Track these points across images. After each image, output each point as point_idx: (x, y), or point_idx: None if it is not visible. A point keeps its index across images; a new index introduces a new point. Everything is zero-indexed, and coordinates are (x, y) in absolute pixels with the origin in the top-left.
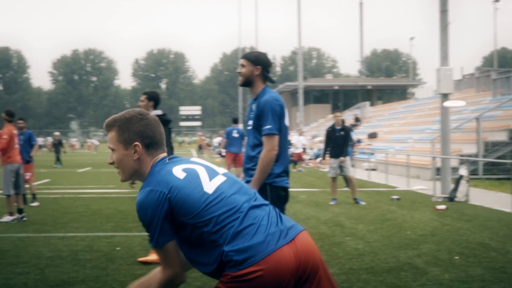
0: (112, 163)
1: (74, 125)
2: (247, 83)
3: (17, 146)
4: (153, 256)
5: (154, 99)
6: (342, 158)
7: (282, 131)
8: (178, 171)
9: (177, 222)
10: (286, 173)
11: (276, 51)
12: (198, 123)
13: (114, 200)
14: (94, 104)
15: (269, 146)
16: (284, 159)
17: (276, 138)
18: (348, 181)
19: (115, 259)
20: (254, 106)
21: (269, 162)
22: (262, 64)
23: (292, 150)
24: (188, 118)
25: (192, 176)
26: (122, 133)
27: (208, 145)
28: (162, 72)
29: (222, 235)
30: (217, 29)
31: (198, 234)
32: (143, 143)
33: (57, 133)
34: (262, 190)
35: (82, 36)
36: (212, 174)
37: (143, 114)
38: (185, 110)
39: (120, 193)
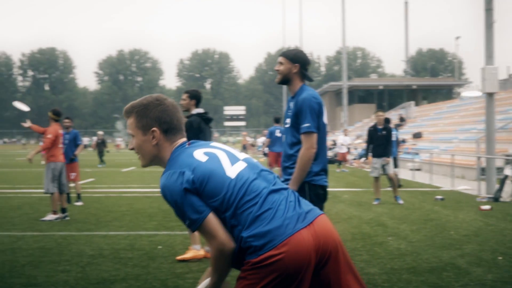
0: (132, 149)
1: (119, 125)
2: (285, 80)
3: (61, 145)
4: (190, 253)
5: (196, 98)
6: (387, 159)
7: (320, 129)
8: (200, 154)
9: None
10: (324, 171)
11: (321, 51)
12: (242, 123)
13: (158, 199)
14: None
15: (308, 144)
16: (323, 157)
17: (314, 136)
18: (390, 180)
19: (156, 257)
20: (291, 104)
21: (308, 160)
22: (300, 62)
23: (337, 150)
24: (233, 118)
25: (214, 159)
26: (140, 119)
27: (252, 145)
28: (207, 72)
29: (241, 220)
30: (262, 28)
31: (220, 219)
32: (161, 129)
33: (100, 133)
34: (300, 189)
35: (127, 36)
36: (233, 159)
37: (160, 99)
38: (229, 110)
39: None
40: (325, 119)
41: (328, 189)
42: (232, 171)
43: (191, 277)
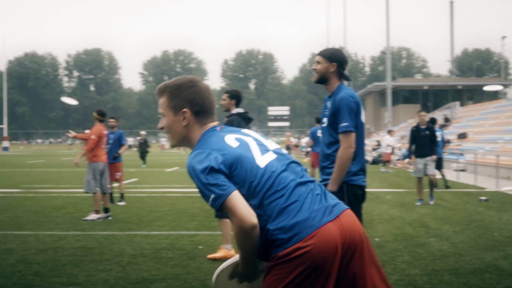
0: (162, 128)
1: None
2: (322, 80)
3: (104, 146)
4: (221, 253)
5: (236, 98)
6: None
7: (358, 128)
8: (231, 139)
9: None
10: (363, 171)
11: (365, 51)
12: (286, 124)
13: (200, 199)
14: None
15: (346, 144)
16: (361, 157)
17: (353, 136)
18: (431, 178)
19: (196, 257)
20: (328, 103)
21: (347, 160)
22: (338, 61)
23: (382, 150)
24: (277, 118)
25: (245, 146)
26: (172, 99)
27: (296, 145)
28: (251, 73)
29: (267, 211)
30: (306, 29)
31: None
32: (192, 110)
33: (143, 133)
34: (338, 189)
35: (172, 37)
36: (263, 149)
37: (193, 81)
38: (273, 110)
39: None
40: (363, 118)
41: (372, 190)
42: (261, 160)
43: None
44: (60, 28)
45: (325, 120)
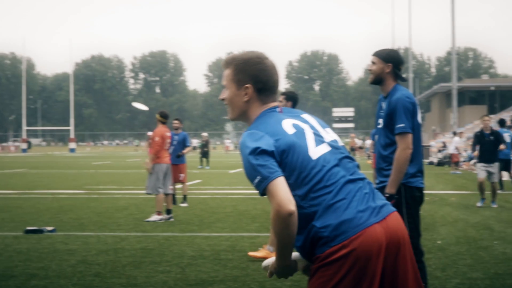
0: (223, 100)
1: (228, 127)
2: (378, 80)
3: (167, 147)
4: (262, 253)
5: (293, 99)
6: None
7: (414, 130)
8: (288, 125)
9: None
10: (421, 172)
11: (431, 52)
12: (351, 125)
13: (262, 200)
14: None
15: (404, 145)
16: (418, 158)
17: (410, 137)
18: (493, 185)
19: (256, 259)
20: (383, 104)
21: (404, 161)
22: (393, 62)
23: (449, 151)
24: (341, 119)
25: (301, 135)
26: (237, 73)
27: (361, 147)
28: (316, 74)
29: (312, 205)
30: (370, 30)
31: (292, 195)
32: (255, 87)
33: (205, 134)
34: (398, 191)
35: (237, 39)
36: (318, 140)
37: (261, 58)
38: (338, 111)
39: None
40: (419, 119)
41: (436, 192)
42: (314, 152)
43: (289, 279)
44: (126, 31)
45: (380, 121)
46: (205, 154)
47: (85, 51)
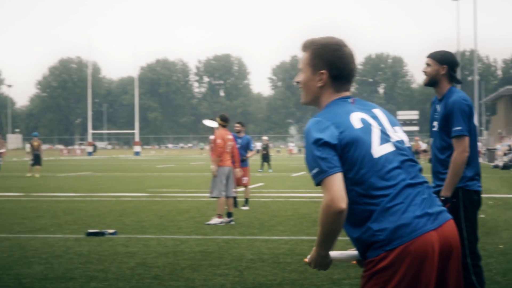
0: (297, 82)
1: (292, 130)
2: (433, 82)
3: (229, 150)
4: None
5: None
6: None
7: (471, 132)
8: (356, 119)
9: None
10: (478, 176)
11: (497, 54)
12: (415, 128)
13: None
14: (312, 109)
15: (460, 148)
16: (475, 161)
17: (466, 140)
18: None
19: None
20: (438, 107)
21: (461, 164)
22: (449, 63)
23: None
24: (406, 122)
25: (367, 130)
26: (314, 57)
27: (425, 150)
28: (380, 77)
29: (368, 204)
30: (435, 32)
31: (349, 190)
32: (330, 73)
33: (265, 138)
34: (453, 194)
35: (299, 42)
36: (384, 138)
37: (339, 44)
38: (402, 114)
39: None
40: (476, 121)
41: (500, 195)
42: (377, 150)
43: (348, 283)
44: (191, 35)
45: (435, 124)
46: (265, 158)
47: (150, 55)
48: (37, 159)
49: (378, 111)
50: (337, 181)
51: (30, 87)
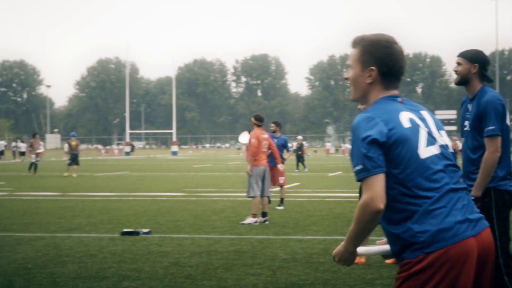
0: (347, 79)
1: (330, 129)
2: (464, 81)
3: (264, 149)
4: (363, 259)
5: None
6: None
7: (504, 132)
8: (405, 118)
9: None
10: (510, 175)
11: None
12: (453, 128)
13: None
14: (350, 109)
15: (492, 148)
16: (507, 161)
17: (499, 139)
18: None
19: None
20: (470, 106)
21: (493, 164)
22: (480, 62)
23: None
24: (443, 122)
25: (415, 130)
26: (364, 54)
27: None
28: (418, 76)
29: (411, 203)
30: (473, 30)
31: (391, 188)
32: (379, 70)
33: (299, 137)
34: (485, 194)
35: (338, 42)
36: (430, 140)
37: (390, 42)
38: (440, 114)
39: None
40: (508, 121)
41: None
42: (424, 151)
43: (380, 283)
44: (228, 35)
45: (466, 123)
46: (299, 158)
47: (188, 55)
48: (74, 159)
49: (426, 113)
50: (379, 181)
51: (69, 88)
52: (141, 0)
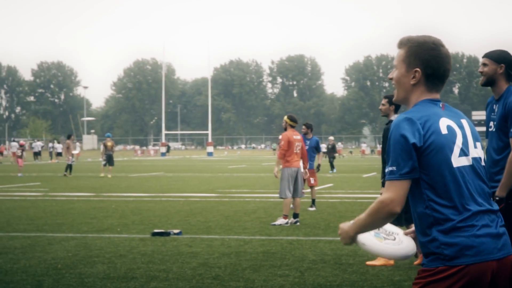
0: (391, 79)
1: (365, 130)
2: (490, 82)
3: (297, 151)
4: (381, 261)
5: (396, 103)
6: None
7: None
8: (444, 124)
9: None
10: None
11: None
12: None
13: None
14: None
15: None
16: None
17: None
18: None
19: (375, 267)
20: (496, 107)
21: None
22: (506, 62)
23: None
24: (481, 123)
25: (451, 139)
26: (410, 55)
27: None
28: (455, 77)
29: (436, 211)
30: (509, 30)
31: (420, 192)
32: (424, 72)
33: (331, 138)
34: (510, 195)
35: (374, 42)
36: (464, 150)
37: (436, 44)
38: (477, 115)
39: None
40: None
41: None
42: (456, 161)
43: (408, 285)
44: (264, 36)
45: (491, 124)
46: (331, 158)
47: (224, 56)
48: (109, 160)
49: (465, 122)
50: (404, 186)
51: (106, 89)
52: (178, 2)
